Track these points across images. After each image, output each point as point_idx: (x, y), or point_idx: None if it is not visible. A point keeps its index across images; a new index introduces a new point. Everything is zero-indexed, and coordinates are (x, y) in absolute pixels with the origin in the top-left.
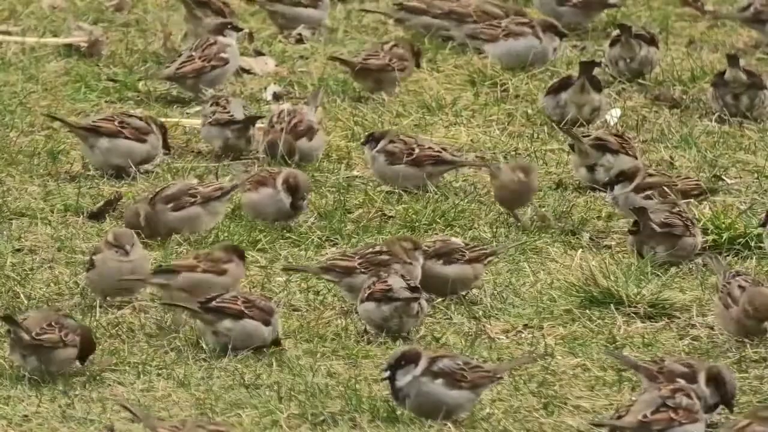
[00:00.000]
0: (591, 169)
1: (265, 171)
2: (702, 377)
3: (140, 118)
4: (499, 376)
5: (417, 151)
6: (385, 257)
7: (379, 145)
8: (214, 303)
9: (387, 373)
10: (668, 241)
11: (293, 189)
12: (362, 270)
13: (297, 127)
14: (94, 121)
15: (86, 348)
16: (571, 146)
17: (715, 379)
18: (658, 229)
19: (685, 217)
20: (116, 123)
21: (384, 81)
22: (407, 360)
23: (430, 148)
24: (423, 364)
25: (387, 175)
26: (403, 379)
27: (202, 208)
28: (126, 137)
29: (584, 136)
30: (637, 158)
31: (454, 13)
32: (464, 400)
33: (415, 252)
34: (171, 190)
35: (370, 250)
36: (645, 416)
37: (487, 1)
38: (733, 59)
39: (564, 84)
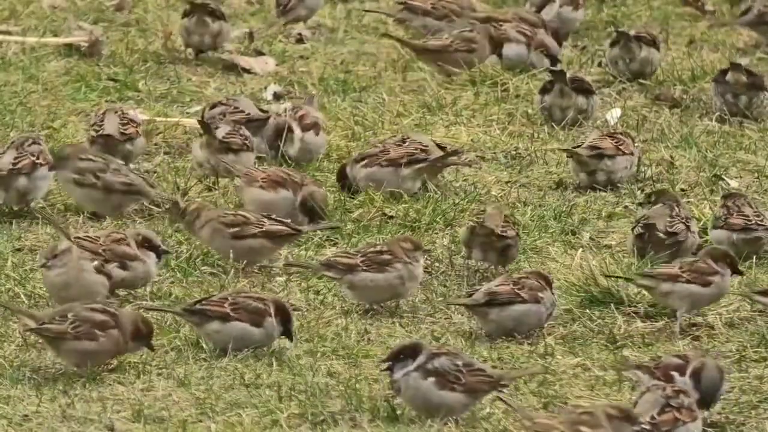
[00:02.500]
0: (591, 173)
1: (283, 171)
2: (689, 370)
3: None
4: (503, 383)
5: (392, 152)
6: (387, 257)
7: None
8: (198, 305)
9: (386, 365)
10: (673, 245)
11: (310, 212)
12: (364, 268)
13: (303, 120)
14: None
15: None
16: (569, 155)
17: (696, 375)
18: (666, 240)
19: (685, 217)
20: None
21: (447, 63)
22: (406, 354)
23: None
24: (420, 360)
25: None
26: (399, 373)
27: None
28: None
29: (577, 147)
30: (633, 155)
31: (492, 19)
32: (455, 402)
33: (415, 252)
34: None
35: (372, 249)
36: (653, 417)
37: (526, 9)
38: (736, 66)
39: (547, 87)
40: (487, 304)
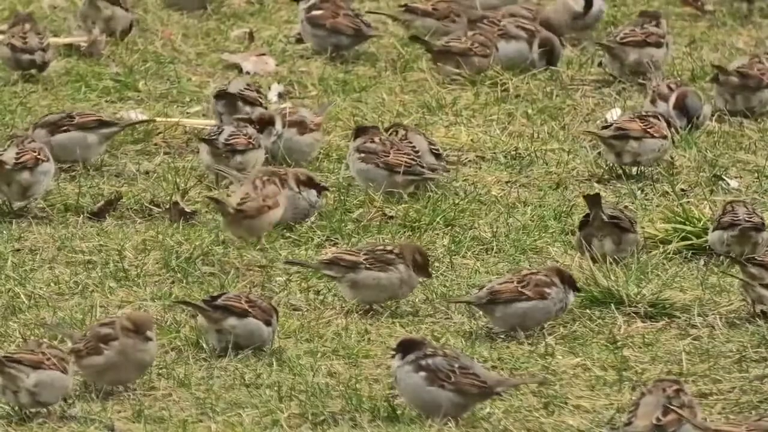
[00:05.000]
0: (618, 155)
1: (275, 173)
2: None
3: None
4: (497, 390)
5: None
6: (391, 256)
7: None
8: (220, 301)
9: (391, 353)
10: (615, 234)
11: (309, 182)
12: (368, 266)
13: (290, 116)
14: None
15: None
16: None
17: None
18: (606, 220)
19: (627, 215)
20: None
21: (465, 65)
22: (402, 347)
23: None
24: (413, 355)
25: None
26: (396, 363)
27: None
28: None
29: (605, 127)
30: (666, 137)
31: (486, 18)
32: (444, 399)
33: (416, 275)
34: None
35: (379, 247)
36: (658, 419)
37: (522, 5)
38: (721, 69)
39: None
40: (490, 303)
